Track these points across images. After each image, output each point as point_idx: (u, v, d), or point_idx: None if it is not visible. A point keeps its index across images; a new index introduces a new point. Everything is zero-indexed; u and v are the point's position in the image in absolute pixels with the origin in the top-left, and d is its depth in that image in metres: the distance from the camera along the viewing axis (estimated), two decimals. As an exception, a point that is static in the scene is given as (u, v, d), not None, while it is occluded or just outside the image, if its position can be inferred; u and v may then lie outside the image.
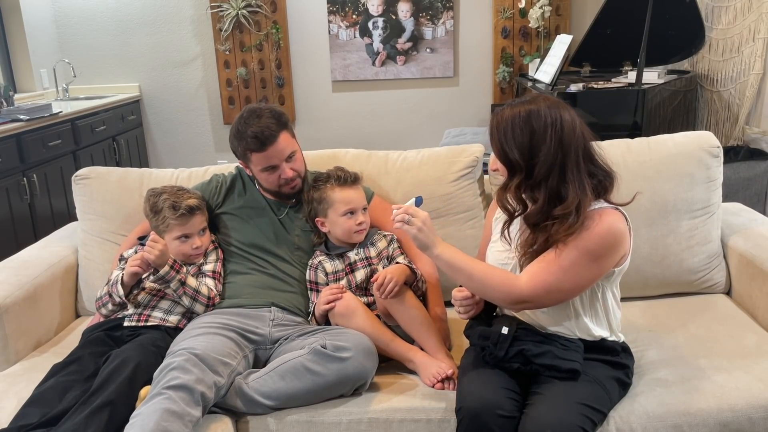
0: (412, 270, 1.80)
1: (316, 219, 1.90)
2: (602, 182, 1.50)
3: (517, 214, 1.53)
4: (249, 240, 1.92)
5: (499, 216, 1.67)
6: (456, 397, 1.49)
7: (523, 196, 1.50)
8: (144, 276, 1.79)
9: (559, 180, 1.44)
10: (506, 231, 1.57)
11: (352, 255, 1.87)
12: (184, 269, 1.80)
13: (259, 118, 1.84)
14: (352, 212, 1.85)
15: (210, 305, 1.81)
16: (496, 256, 1.60)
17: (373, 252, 1.88)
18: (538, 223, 1.47)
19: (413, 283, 1.81)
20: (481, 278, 1.48)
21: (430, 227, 1.49)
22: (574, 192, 1.44)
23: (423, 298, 1.86)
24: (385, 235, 1.94)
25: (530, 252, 1.48)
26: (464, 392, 1.47)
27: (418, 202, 1.54)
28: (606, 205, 1.49)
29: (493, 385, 1.45)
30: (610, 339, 1.55)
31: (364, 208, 1.89)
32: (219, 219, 1.97)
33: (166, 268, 1.74)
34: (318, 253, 1.91)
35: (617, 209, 1.49)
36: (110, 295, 1.81)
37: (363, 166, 2.11)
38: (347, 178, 1.88)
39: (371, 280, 1.77)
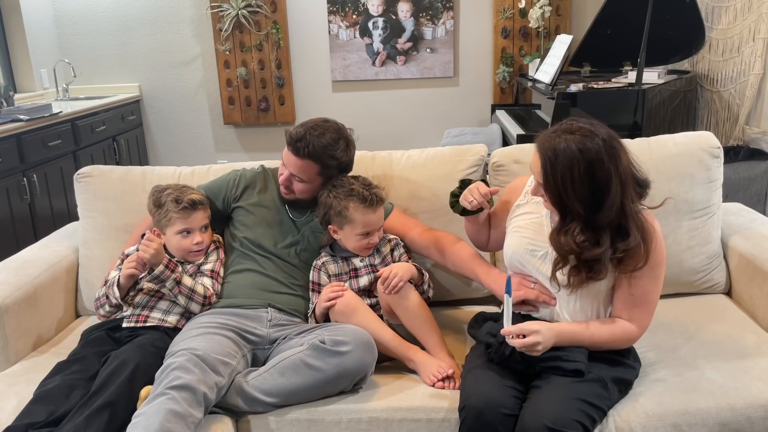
0: (419, 271, 1.80)
1: (330, 226, 1.86)
2: (643, 192, 1.51)
3: (572, 255, 1.46)
4: (256, 237, 1.91)
5: (521, 203, 1.65)
6: (459, 395, 1.49)
7: (578, 238, 1.44)
8: (141, 276, 1.79)
9: (620, 216, 1.43)
10: (558, 273, 1.50)
11: (357, 261, 1.86)
12: (180, 268, 1.79)
13: (316, 131, 1.85)
14: (368, 233, 1.83)
15: (206, 304, 1.80)
16: (522, 243, 1.58)
17: (377, 259, 1.87)
18: (595, 261, 1.44)
19: (419, 283, 1.81)
20: (603, 340, 1.51)
21: (545, 335, 1.43)
22: (634, 224, 1.43)
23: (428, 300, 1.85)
24: (389, 240, 1.92)
25: (581, 280, 1.46)
26: (468, 390, 1.47)
27: (508, 286, 1.46)
28: (640, 207, 1.50)
29: (497, 383, 1.45)
30: None
31: (380, 228, 1.87)
32: (235, 213, 1.97)
33: (161, 267, 1.74)
34: (323, 254, 1.90)
35: (646, 209, 1.52)
36: (107, 297, 1.81)
37: (368, 166, 2.11)
38: (373, 200, 1.80)
39: (376, 275, 1.77)
